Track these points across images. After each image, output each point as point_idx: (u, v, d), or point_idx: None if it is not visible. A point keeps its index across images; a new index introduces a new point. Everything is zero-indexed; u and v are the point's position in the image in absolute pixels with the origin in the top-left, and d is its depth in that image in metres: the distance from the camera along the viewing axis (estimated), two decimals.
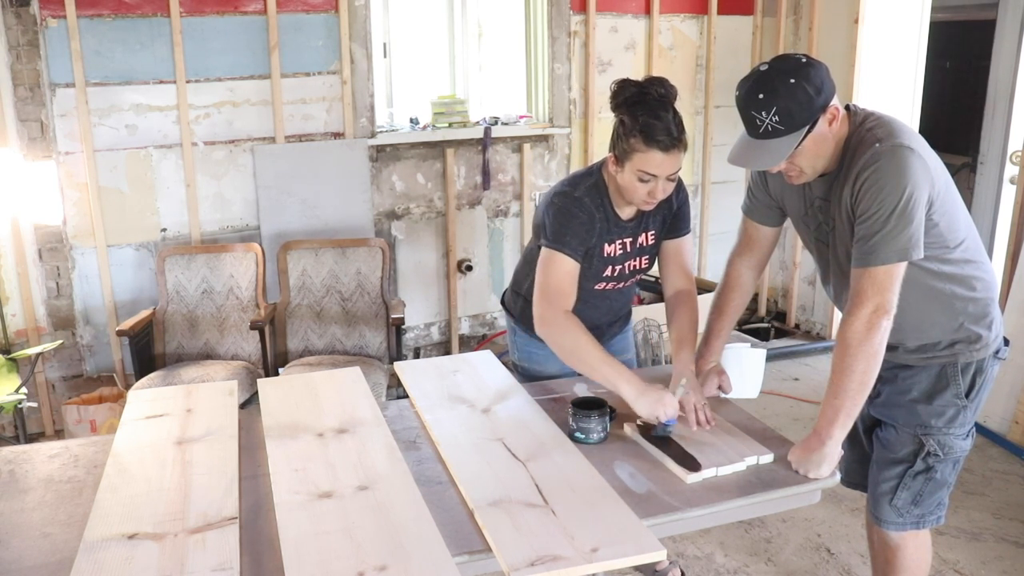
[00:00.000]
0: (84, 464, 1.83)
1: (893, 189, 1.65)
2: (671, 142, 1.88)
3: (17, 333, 3.58)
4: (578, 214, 2.03)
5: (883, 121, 1.75)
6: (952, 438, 1.88)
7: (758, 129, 1.69)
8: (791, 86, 1.65)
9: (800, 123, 1.67)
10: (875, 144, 1.69)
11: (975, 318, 1.85)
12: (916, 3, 4.28)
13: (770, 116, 1.66)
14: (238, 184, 3.85)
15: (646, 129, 1.87)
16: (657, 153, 1.89)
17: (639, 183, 1.94)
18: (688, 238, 2.23)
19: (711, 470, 1.72)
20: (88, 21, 3.46)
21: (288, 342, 3.53)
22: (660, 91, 1.91)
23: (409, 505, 1.57)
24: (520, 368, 2.39)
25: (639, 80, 1.95)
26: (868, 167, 1.68)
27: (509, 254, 4.49)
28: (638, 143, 1.89)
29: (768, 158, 1.71)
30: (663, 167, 1.91)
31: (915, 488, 1.92)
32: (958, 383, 1.86)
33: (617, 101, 1.95)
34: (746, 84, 1.71)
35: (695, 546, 2.81)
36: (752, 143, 1.73)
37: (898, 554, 2.00)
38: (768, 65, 1.70)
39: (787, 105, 1.65)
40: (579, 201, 2.04)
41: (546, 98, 4.41)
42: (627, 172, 1.95)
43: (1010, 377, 3.41)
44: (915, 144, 1.70)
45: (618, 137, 1.95)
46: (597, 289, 2.19)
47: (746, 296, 2.13)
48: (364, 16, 3.89)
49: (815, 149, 1.73)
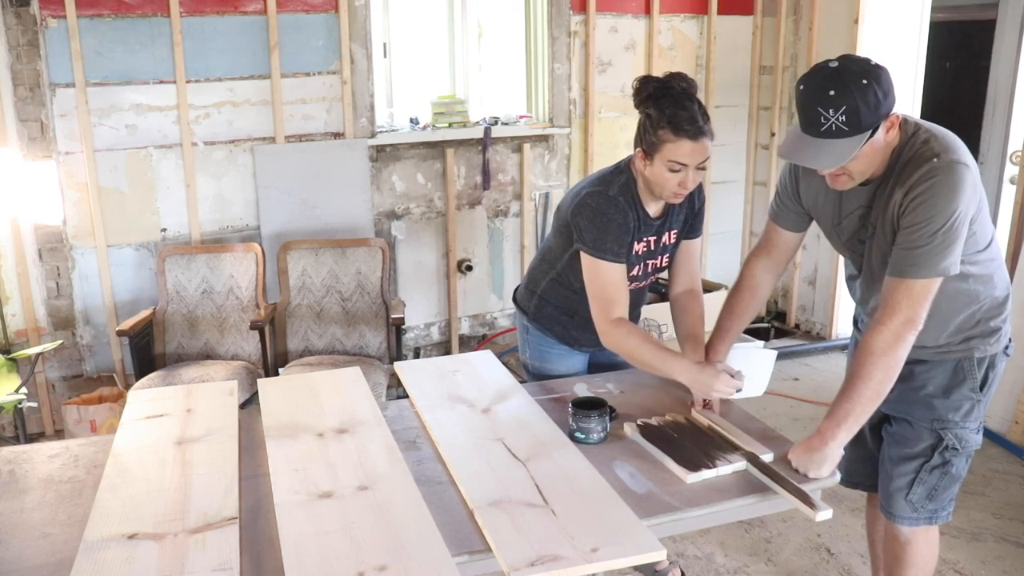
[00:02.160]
0: (84, 464, 1.83)
1: (945, 207, 1.65)
2: (698, 130, 1.91)
3: (17, 333, 3.58)
4: (614, 216, 2.03)
5: (937, 135, 1.73)
6: (968, 432, 1.91)
7: (820, 127, 1.64)
8: (863, 87, 1.61)
9: (866, 126, 1.63)
10: (933, 159, 1.67)
11: (992, 314, 1.87)
12: (916, 3, 4.28)
13: (837, 115, 1.61)
14: (238, 184, 3.85)
15: (674, 120, 1.90)
16: (686, 142, 1.91)
17: (670, 174, 1.95)
18: (700, 241, 2.25)
19: (711, 470, 1.72)
20: (88, 21, 3.46)
21: (288, 342, 3.53)
22: (682, 84, 1.94)
23: (409, 505, 1.57)
24: (532, 367, 2.38)
25: (660, 76, 1.97)
26: (924, 181, 1.67)
27: (509, 254, 4.49)
28: (667, 134, 1.91)
29: (827, 159, 1.66)
30: (693, 155, 1.92)
31: (931, 483, 1.93)
32: (975, 377, 1.88)
33: (641, 97, 1.96)
34: (814, 79, 1.66)
35: (695, 546, 2.81)
36: (809, 141, 1.67)
37: (908, 549, 2.01)
38: (838, 63, 1.65)
39: (857, 106, 1.61)
40: (614, 200, 2.04)
41: (546, 98, 4.41)
42: (657, 164, 1.96)
43: (1010, 377, 3.41)
44: (969, 160, 1.69)
45: (645, 131, 1.96)
46: None
47: (760, 299, 2.12)
48: (364, 16, 3.90)
49: (871, 155, 1.70)
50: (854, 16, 4.28)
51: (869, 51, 4.28)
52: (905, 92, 4.34)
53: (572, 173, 4.51)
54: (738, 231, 5.09)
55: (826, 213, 1.94)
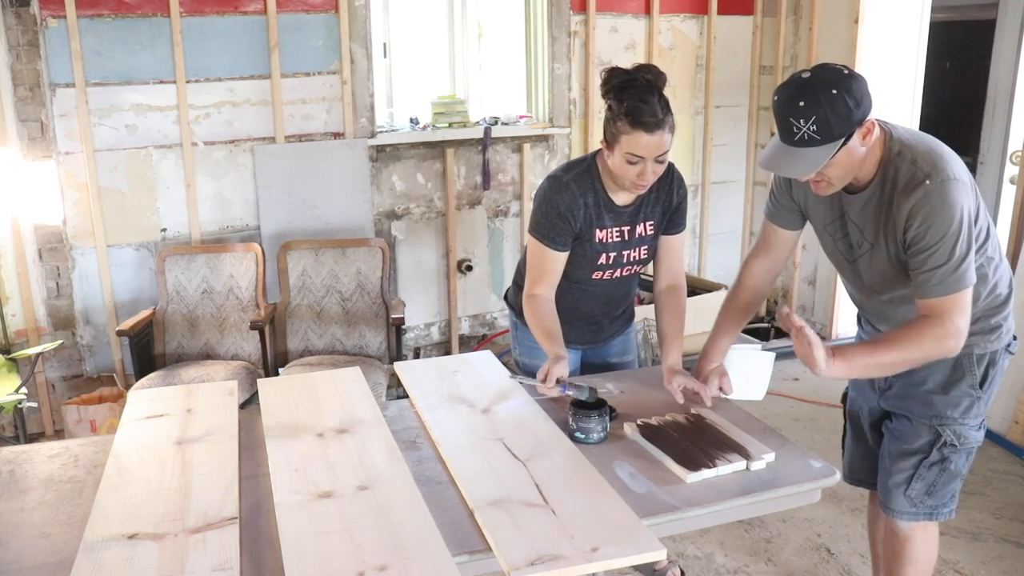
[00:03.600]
0: (84, 464, 1.83)
1: (950, 225, 1.68)
2: (656, 123, 1.92)
3: (17, 333, 3.58)
4: (558, 201, 2.08)
5: (920, 152, 1.74)
6: (967, 428, 1.92)
7: (793, 136, 1.67)
8: (832, 96, 1.63)
9: (837, 135, 1.66)
10: (924, 182, 1.70)
11: (992, 311, 1.89)
12: (916, 3, 4.28)
13: (808, 124, 1.65)
14: (238, 184, 3.85)
15: (632, 112, 1.92)
16: (643, 135, 1.92)
17: (628, 165, 1.98)
18: (683, 236, 2.26)
19: (711, 470, 1.72)
20: (88, 21, 3.46)
21: (288, 342, 3.53)
22: (647, 76, 1.95)
23: (409, 505, 1.57)
24: (522, 364, 2.40)
25: (628, 68, 1.99)
26: (921, 208, 1.69)
27: (509, 254, 4.49)
28: (624, 126, 1.94)
29: (801, 167, 1.70)
30: (649, 148, 1.94)
31: (929, 478, 1.94)
32: (973, 373, 1.90)
33: (606, 88, 1.99)
34: (786, 90, 1.70)
35: (695, 546, 2.81)
36: (786, 150, 1.71)
37: (907, 545, 2.02)
38: (810, 73, 1.69)
39: (826, 115, 1.63)
40: (566, 185, 2.10)
41: (546, 98, 4.41)
42: (616, 155, 1.99)
43: (1010, 377, 3.41)
44: (958, 172, 1.71)
45: (607, 122, 2.00)
46: (595, 278, 2.21)
47: (758, 299, 2.14)
48: (364, 16, 3.90)
49: (847, 162, 1.72)
50: (854, 16, 4.28)
51: (869, 51, 4.28)
52: (905, 92, 4.35)
53: None
54: (738, 231, 5.08)
55: (818, 212, 1.96)
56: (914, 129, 1.85)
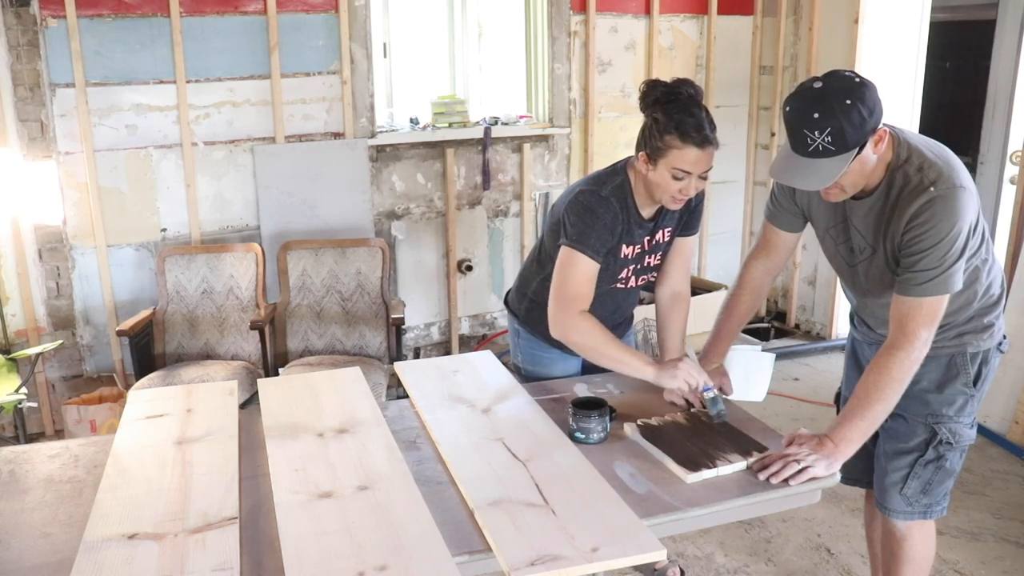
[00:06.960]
0: (84, 464, 1.83)
1: (948, 232, 1.69)
2: (705, 139, 1.89)
3: (17, 333, 3.58)
4: (603, 214, 2.01)
5: (929, 159, 1.74)
6: (962, 426, 1.93)
7: (808, 148, 1.66)
8: (847, 107, 1.62)
9: (852, 145, 1.65)
10: (930, 188, 1.70)
11: (986, 311, 1.90)
12: (916, 3, 4.28)
13: (823, 136, 1.63)
14: (238, 184, 3.85)
15: (681, 126, 1.88)
16: (693, 149, 1.89)
17: (673, 181, 1.94)
18: (695, 239, 2.25)
19: (711, 470, 1.72)
20: (88, 21, 3.46)
21: (288, 342, 3.53)
22: (690, 91, 1.93)
23: (409, 505, 1.57)
24: (523, 370, 2.37)
25: (667, 80, 1.96)
26: (924, 211, 1.70)
27: (509, 254, 4.49)
28: (673, 140, 1.90)
29: (816, 178, 1.69)
30: (698, 164, 1.91)
31: (925, 477, 1.95)
32: (967, 372, 1.91)
33: (648, 100, 1.95)
34: (799, 101, 1.68)
35: (695, 546, 2.81)
36: (798, 160, 1.70)
37: (904, 544, 2.03)
38: (822, 82, 1.67)
39: (841, 126, 1.62)
40: (606, 200, 2.02)
41: (546, 98, 4.41)
42: (660, 169, 1.94)
43: (1010, 377, 3.41)
44: (964, 180, 1.72)
45: (650, 135, 1.94)
46: (611, 288, 2.18)
47: (758, 300, 2.14)
48: (364, 16, 3.90)
49: (860, 170, 1.72)
50: (854, 16, 4.28)
51: (869, 51, 4.28)
52: (905, 92, 4.34)
53: (572, 173, 4.51)
54: (738, 231, 5.09)
55: (821, 215, 1.96)
56: (922, 135, 1.85)
